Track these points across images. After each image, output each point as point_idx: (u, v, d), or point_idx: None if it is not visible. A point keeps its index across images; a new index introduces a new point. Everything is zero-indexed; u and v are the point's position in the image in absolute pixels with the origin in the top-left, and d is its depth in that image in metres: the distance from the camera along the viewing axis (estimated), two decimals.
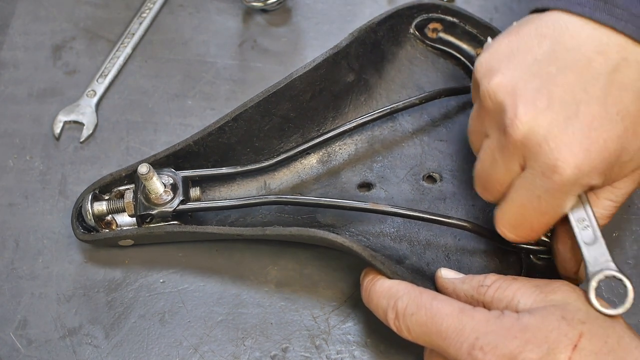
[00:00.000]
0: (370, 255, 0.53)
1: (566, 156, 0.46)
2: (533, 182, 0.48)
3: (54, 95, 0.69)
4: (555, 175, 0.46)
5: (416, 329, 0.48)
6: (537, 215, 0.49)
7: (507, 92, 0.48)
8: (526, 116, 0.47)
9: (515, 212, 0.50)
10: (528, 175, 0.48)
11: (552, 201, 0.48)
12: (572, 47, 0.48)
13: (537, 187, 0.48)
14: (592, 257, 0.49)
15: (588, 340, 0.44)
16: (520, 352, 0.44)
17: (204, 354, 0.57)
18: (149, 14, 0.73)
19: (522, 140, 0.47)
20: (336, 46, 0.61)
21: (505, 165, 0.50)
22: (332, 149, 0.63)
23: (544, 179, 0.47)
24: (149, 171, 0.55)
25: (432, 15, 0.66)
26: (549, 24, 0.49)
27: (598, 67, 0.47)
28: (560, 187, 0.47)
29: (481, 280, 0.51)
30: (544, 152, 0.46)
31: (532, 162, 0.47)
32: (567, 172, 0.46)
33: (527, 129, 0.47)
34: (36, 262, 0.60)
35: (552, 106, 0.47)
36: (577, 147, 0.46)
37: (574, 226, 0.50)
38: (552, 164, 0.46)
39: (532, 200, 0.49)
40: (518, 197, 0.50)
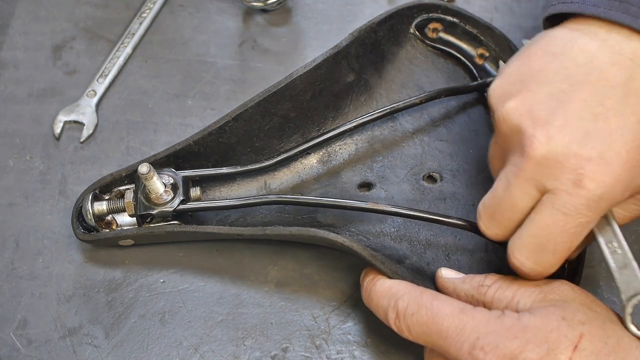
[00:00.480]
0: (370, 255, 0.53)
1: (590, 170, 0.45)
2: (557, 202, 0.46)
3: (54, 95, 0.69)
4: (581, 191, 0.45)
5: (417, 328, 0.48)
6: (562, 237, 0.47)
7: (522, 115, 0.48)
8: (544, 136, 0.46)
9: (536, 235, 0.47)
10: (550, 196, 0.46)
11: (579, 219, 0.46)
12: (583, 62, 0.47)
13: (563, 205, 0.46)
14: (625, 282, 0.48)
15: (588, 341, 0.44)
16: (521, 352, 0.44)
17: (204, 354, 0.57)
18: (149, 14, 0.73)
19: (542, 161, 0.46)
20: (336, 46, 0.61)
21: (521, 190, 0.48)
22: (332, 149, 0.63)
23: (568, 196, 0.45)
24: (150, 171, 0.55)
25: (432, 15, 0.66)
26: (557, 41, 0.49)
27: (612, 79, 0.46)
28: (587, 203, 0.45)
29: (481, 280, 0.51)
30: (567, 169, 0.45)
31: (554, 182, 0.46)
32: (592, 186, 0.45)
33: (546, 149, 0.46)
34: (36, 262, 0.60)
35: (570, 123, 0.46)
36: (600, 159, 0.45)
37: (604, 250, 0.49)
38: (576, 180, 0.45)
39: (557, 220, 0.46)
40: (541, 219, 0.47)
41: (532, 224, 0.48)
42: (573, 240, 0.47)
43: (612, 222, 0.50)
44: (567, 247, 0.48)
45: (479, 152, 0.62)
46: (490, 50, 0.65)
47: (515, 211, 0.49)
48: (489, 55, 0.66)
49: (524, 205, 0.48)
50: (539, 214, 0.47)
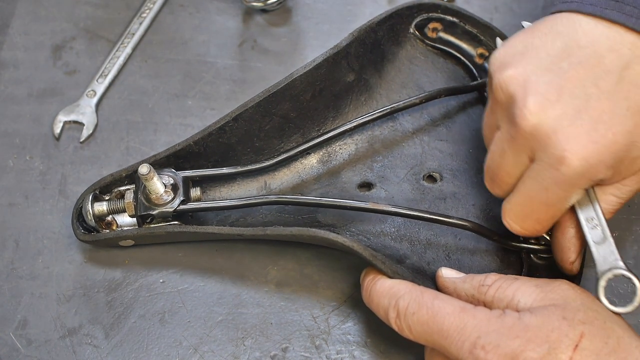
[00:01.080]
0: (371, 255, 0.53)
1: (574, 148, 0.46)
2: (541, 174, 0.48)
3: (54, 95, 0.69)
4: (562, 167, 0.47)
5: (417, 328, 0.48)
6: (544, 208, 0.50)
7: (518, 84, 0.49)
8: (536, 107, 0.48)
9: (522, 204, 0.51)
10: (536, 166, 0.49)
11: (559, 193, 0.49)
12: (584, 44, 0.49)
13: (545, 178, 0.48)
14: (601, 256, 0.50)
15: (589, 340, 0.44)
16: (522, 352, 0.44)
17: (204, 354, 0.57)
18: (149, 14, 0.73)
19: (531, 131, 0.48)
20: (336, 46, 0.61)
21: (514, 157, 0.50)
22: (332, 149, 0.63)
23: (551, 170, 0.48)
24: (150, 171, 0.55)
25: (432, 15, 0.66)
26: (564, 22, 0.50)
27: (609, 64, 0.48)
28: (567, 179, 0.47)
29: (482, 279, 0.51)
30: (552, 143, 0.47)
31: (540, 154, 0.48)
32: (574, 163, 0.47)
33: (537, 120, 0.48)
34: (36, 262, 0.60)
35: (562, 99, 0.47)
36: (586, 139, 0.47)
37: (583, 225, 0.51)
38: (559, 155, 0.47)
39: (539, 192, 0.49)
40: (525, 189, 0.50)
41: (518, 193, 0.51)
42: (555, 212, 0.50)
43: (593, 199, 0.51)
44: (549, 217, 0.51)
45: (479, 151, 0.62)
46: (490, 50, 0.65)
47: (510, 176, 0.52)
48: (488, 54, 0.66)
49: (517, 171, 0.51)
50: (524, 184, 0.50)
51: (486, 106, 0.54)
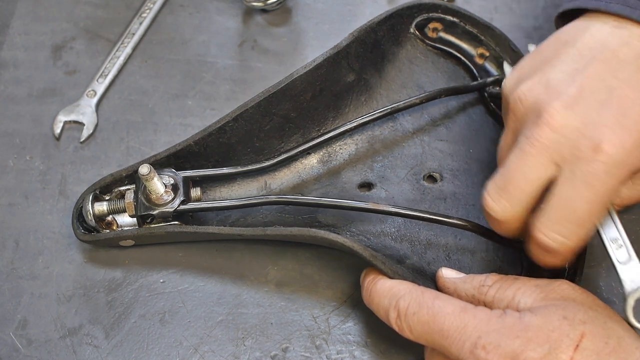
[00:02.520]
0: (371, 255, 0.53)
1: (608, 135, 0.46)
2: (578, 170, 0.47)
3: (54, 95, 0.69)
4: (601, 156, 0.46)
5: (418, 328, 0.48)
6: (586, 207, 0.47)
7: (540, 92, 0.49)
8: (562, 106, 0.47)
9: (561, 207, 0.47)
10: (570, 165, 0.47)
11: (601, 186, 0.46)
12: (595, 45, 0.49)
13: (583, 173, 0.46)
14: (628, 277, 0.49)
15: (590, 340, 0.44)
16: (523, 351, 0.44)
17: (204, 354, 0.57)
18: (149, 14, 0.73)
19: (560, 130, 0.47)
20: (336, 46, 0.61)
21: (536, 160, 0.48)
22: (332, 149, 0.63)
23: (589, 163, 0.46)
24: (150, 172, 0.55)
25: (432, 15, 0.66)
26: (569, 31, 0.51)
27: (623, 56, 0.48)
28: (608, 168, 0.46)
29: (482, 280, 0.51)
30: (585, 136, 0.46)
31: (573, 150, 0.47)
32: (611, 150, 0.46)
33: (564, 117, 0.47)
34: (36, 262, 0.60)
35: (585, 95, 0.48)
36: (617, 125, 0.46)
37: (607, 245, 0.50)
38: (595, 145, 0.46)
39: (579, 190, 0.47)
40: (563, 190, 0.47)
41: (554, 197, 0.48)
42: (598, 210, 0.48)
43: (614, 217, 0.50)
44: (592, 217, 0.48)
45: (479, 152, 0.62)
46: (491, 50, 0.66)
47: (528, 182, 0.48)
48: (489, 54, 0.66)
49: (537, 177, 0.48)
50: (560, 186, 0.47)
51: (502, 134, 0.53)
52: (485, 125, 0.64)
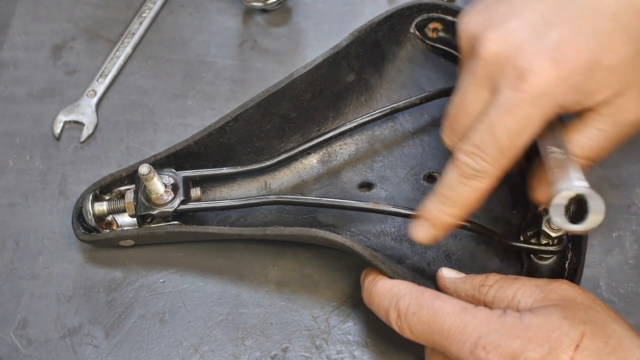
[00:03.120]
0: (371, 255, 0.52)
1: (535, 65, 0.46)
2: (503, 98, 0.47)
3: (54, 95, 0.69)
4: (525, 85, 0.46)
5: (418, 328, 0.48)
6: (506, 133, 0.47)
7: (479, 23, 0.50)
8: (495, 36, 0.48)
9: (482, 131, 0.47)
10: (497, 93, 0.47)
11: (523, 115, 0.46)
12: None
13: (508, 100, 0.46)
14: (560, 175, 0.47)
15: (590, 340, 0.44)
16: (523, 352, 0.44)
17: (204, 354, 0.57)
18: (149, 14, 0.73)
19: (492, 59, 0.47)
20: (336, 46, 0.61)
21: (474, 92, 0.49)
22: (332, 149, 0.63)
23: (513, 91, 0.46)
24: (150, 172, 0.55)
25: (432, 15, 0.66)
26: None
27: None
28: (530, 97, 0.46)
29: (482, 280, 0.51)
30: (513, 63, 0.46)
31: (501, 79, 0.47)
32: (536, 80, 0.46)
33: (496, 47, 0.47)
34: (36, 262, 0.60)
35: (522, 26, 0.48)
36: (547, 57, 0.46)
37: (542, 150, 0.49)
38: (520, 73, 0.46)
39: (501, 117, 0.47)
40: (487, 118, 0.47)
41: (479, 123, 0.48)
42: (519, 138, 0.47)
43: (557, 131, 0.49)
44: (513, 144, 0.47)
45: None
46: None
47: (470, 116, 0.49)
48: None
49: (476, 108, 0.49)
50: (486, 114, 0.48)
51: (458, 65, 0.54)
52: None
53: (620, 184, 0.63)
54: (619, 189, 0.63)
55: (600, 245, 0.61)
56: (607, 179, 0.64)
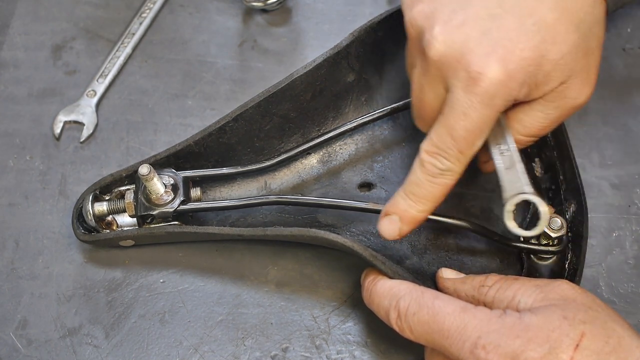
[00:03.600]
0: (371, 255, 0.52)
1: (484, 67, 0.47)
2: (457, 99, 0.48)
3: (54, 95, 0.69)
4: (476, 88, 0.47)
5: (418, 328, 0.48)
6: (464, 134, 0.49)
7: (426, 17, 0.50)
8: (442, 35, 0.49)
9: (442, 134, 0.49)
10: (451, 94, 0.49)
11: (477, 116, 0.48)
12: None
13: (461, 103, 0.48)
14: (509, 182, 0.51)
15: (590, 340, 0.44)
16: (523, 351, 0.44)
17: (204, 354, 0.57)
18: (149, 14, 0.73)
19: (441, 59, 0.49)
20: (336, 46, 0.61)
21: (431, 89, 0.51)
22: (332, 149, 0.63)
23: (466, 94, 0.48)
24: (150, 172, 0.55)
25: None
26: None
27: None
28: (482, 100, 0.47)
29: (482, 280, 0.51)
30: (462, 66, 0.48)
31: (453, 80, 0.48)
32: (485, 83, 0.47)
33: (444, 47, 0.48)
34: (36, 262, 0.60)
35: (467, 23, 0.48)
36: (494, 57, 0.47)
37: (492, 151, 0.51)
38: (471, 77, 0.47)
39: (458, 119, 0.48)
40: (445, 119, 0.49)
41: (437, 124, 0.50)
42: (475, 136, 0.49)
43: (504, 126, 0.52)
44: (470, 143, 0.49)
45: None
46: None
47: (433, 109, 0.52)
48: None
49: (437, 103, 0.51)
50: (443, 115, 0.50)
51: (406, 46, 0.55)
52: None
53: (620, 184, 0.64)
54: (619, 189, 0.63)
55: (600, 245, 0.61)
56: (607, 179, 0.64)
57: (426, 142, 0.50)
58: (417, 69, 0.52)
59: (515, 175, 0.51)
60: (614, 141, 0.65)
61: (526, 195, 0.50)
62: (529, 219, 0.58)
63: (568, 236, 0.57)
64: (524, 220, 0.58)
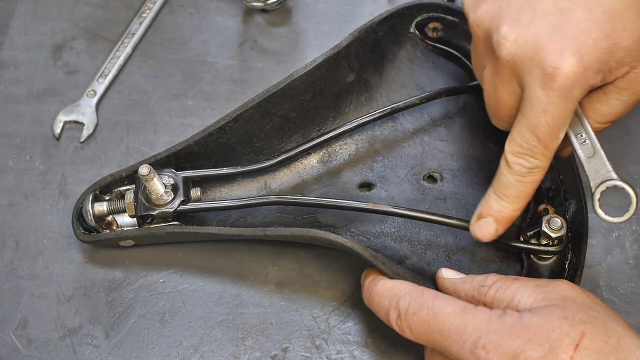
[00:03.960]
0: (371, 256, 0.52)
1: (559, 62, 0.47)
2: (535, 97, 0.49)
3: (54, 95, 0.69)
4: (553, 83, 0.48)
5: (418, 328, 0.48)
6: (547, 130, 0.49)
7: (492, 17, 0.51)
8: (512, 34, 0.49)
9: (525, 133, 0.50)
10: (528, 92, 0.49)
11: (558, 111, 0.49)
12: None
13: (540, 100, 0.48)
14: (593, 170, 0.52)
15: (590, 340, 0.44)
16: (523, 351, 0.44)
17: (204, 354, 0.57)
18: (149, 14, 0.73)
19: (513, 59, 0.49)
20: (336, 46, 0.61)
21: (505, 89, 0.51)
22: (332, 149, 0.63)
23: (544, 90, 0.48)
24: (150, 172, 0.55)
25: (432, 15, 0.66)
26: None
27: None
28: (561, 94, 0.48)
29: (482, 280, 0.51)
30: (536, 63, 0.48)
31: (528, 78, 0.49)
32: (563, 76, 0.47)
33: (515, 46, 0.49)
34: (36, 262, 0.60)
35: (536, 20, 0.49)
36: (568, 51, 0.47)
37: (573, 142, 0.52)
38: (547, 73, 0.48)
39: (539, 116, 0.49)
40: (525, 118, 0.50)
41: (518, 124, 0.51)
42: (558, 130, 0.50)
43: (581, 115, 0.52)
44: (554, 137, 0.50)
45: (480, 151, 0.62)
46: None
47: (509, 107, 0.53)
48: None
49: (513, 100, 0.52)
50: (521, 114, 0.50)
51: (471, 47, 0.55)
52: (485, 124, 0.64)
53: None
54: (618, 189, 0.63)
55: (600, 245, 0.61)
56: None
57: (510, 143, 0.51)
58: (487, 70, 0.53)
59: (598, 163, 0.52)
60: (614, 141, 0.65)
61: (614, 182, 0.51)
62: (528, 220, 0.58)
63: (568, 236, 0.57)
64: (524, 220, 0.58)
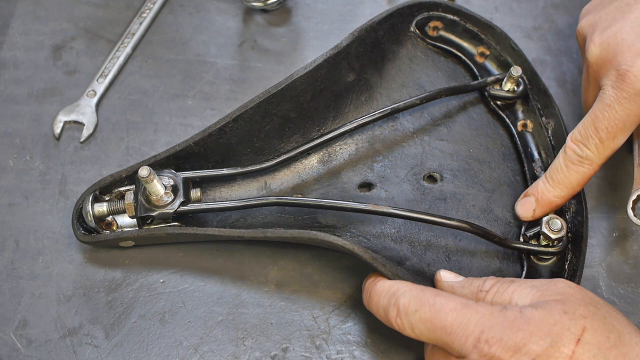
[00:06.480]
0: (371, 258, 0.52)
1: (632, 65, 0.51)
2: (605, 94, 0.53)
3: (54, 95, 0.69)
4: (623, 84, 0.52)
5: (420, 325, 0.48)
6: (606, 124, 0.53)
7: (590, 25, 0.56)
8: (599, 39, 0.54)
9: (586, 123, 0.54)
10: (601, 91, 0.53)
11: (621, 109, 0.52)
12: None
13: (608, 96, 0.53)
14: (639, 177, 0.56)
15: (591, 334, 0.44)
16: (525, 344, 0.44)
17: (204, 354, 0.57)
18: (149, 14, 0.73)
19: (597, 61, 0.54)
20: (336, 46, 0.61)
21: (590, 90, 0.57)
22: (332, 149, 0.63)
23: (613, 89, 0.52)
24: (150, 174, 0.55)
25: (432, 14, 0.66)
26: None
27: None
28: (629, 95, 0.52)
29: (480, 285, 0.51)
30: (613, 65, 0.52)
31: (605, 79, 0.53)
32: (632, 78, 0.51)
33: (600, 50, 0.54)
34: (36, 262, 0.60)
35: (624, 28, 0.53)
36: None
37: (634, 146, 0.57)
38: (620, 74, 0.52)
39: (603, 111, 0.53)
40: (591, 111, 0.54)
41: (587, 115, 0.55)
42: (618, 130, 0.53)
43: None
44: (612, 135, 0.54)
45: (480, 151, 0.62)
46: (491, 49, 0.66)
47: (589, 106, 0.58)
48: (489, 53, 0.66)
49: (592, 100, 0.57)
50: (591, 108, 0.55)
51: None
52: (485, 124, 0.64)
53: (620, 184, 0.63)
54: (619, 189, 0.63)
55: (600, 245, 0.61)
56: (607, 179, 0.64)
57: (572, 131, 0.56)
58: (583, 73, 0.59)
59: None
60: None
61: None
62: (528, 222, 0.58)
63: (568, 237, 0.57)
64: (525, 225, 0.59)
